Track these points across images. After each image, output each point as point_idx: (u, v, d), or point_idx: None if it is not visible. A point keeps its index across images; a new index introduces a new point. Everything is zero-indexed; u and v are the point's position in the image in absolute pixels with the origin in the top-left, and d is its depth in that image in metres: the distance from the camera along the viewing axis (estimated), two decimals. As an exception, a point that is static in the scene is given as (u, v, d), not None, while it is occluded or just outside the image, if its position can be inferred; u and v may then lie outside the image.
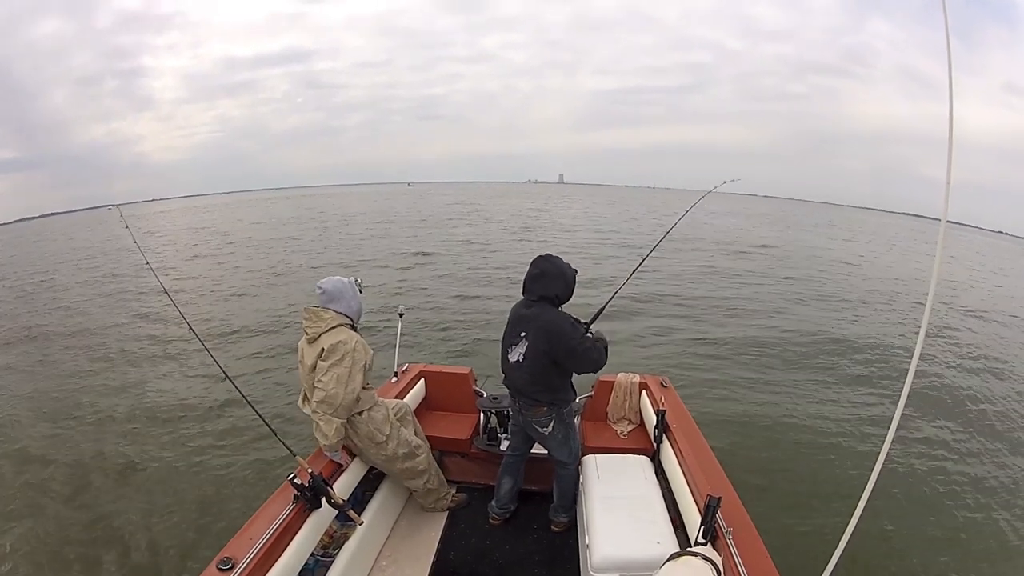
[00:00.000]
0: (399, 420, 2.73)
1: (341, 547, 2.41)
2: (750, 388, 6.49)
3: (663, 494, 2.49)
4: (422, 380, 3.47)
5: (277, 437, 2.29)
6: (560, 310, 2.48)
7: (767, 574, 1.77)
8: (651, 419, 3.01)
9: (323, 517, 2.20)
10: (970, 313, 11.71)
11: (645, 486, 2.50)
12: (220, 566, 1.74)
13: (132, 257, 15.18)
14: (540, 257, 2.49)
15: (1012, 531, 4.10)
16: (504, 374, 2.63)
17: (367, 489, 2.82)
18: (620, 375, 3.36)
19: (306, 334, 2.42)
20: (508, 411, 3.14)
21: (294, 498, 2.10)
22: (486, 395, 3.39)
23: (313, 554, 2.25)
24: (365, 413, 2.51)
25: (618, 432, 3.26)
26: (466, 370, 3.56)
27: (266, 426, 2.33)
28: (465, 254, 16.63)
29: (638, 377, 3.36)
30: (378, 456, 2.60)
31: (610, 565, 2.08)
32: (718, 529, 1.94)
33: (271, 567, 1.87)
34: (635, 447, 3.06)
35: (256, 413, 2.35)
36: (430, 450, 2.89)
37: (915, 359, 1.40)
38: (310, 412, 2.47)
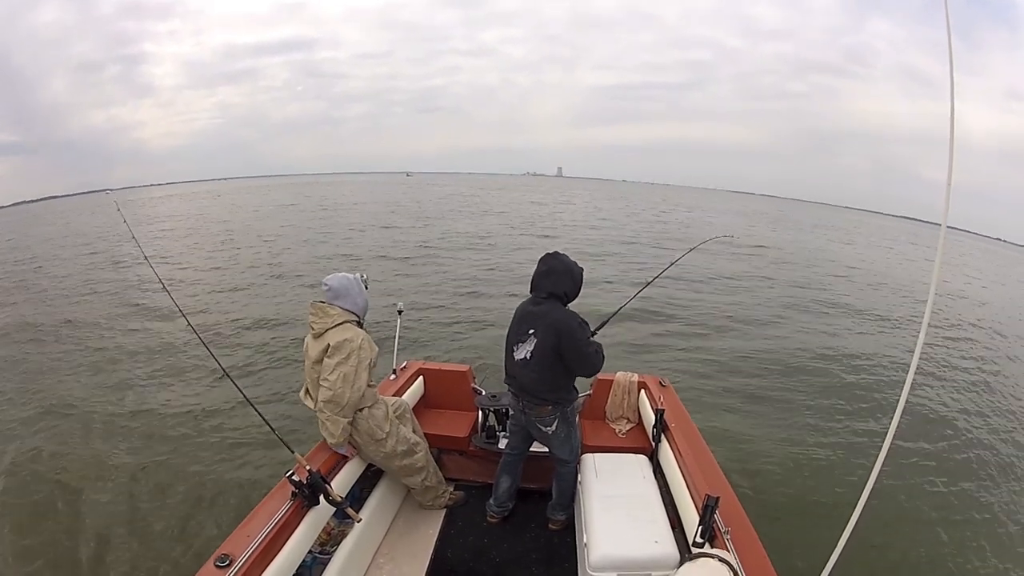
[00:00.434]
0: (398, 418, 2.73)
1: (339, 544, 2.41)
2: (745, 395, 6.47)
3: (661, 493, 2.49)
4: (421, 378, 3.46)
5: (276, 434, 2.29)
6: (568, 308, 2.48)
7: (766, 574, 1.77)
8: (649, 418, 3.01)
9: (321, 514, 2.20)
10: (971, 325, 11.69)
11: (643, 485, 2.51)
12: (218, 563, 1.74)
13: (128, 247, 14.99)
14: (548, 255, 2.50)
15: (1008, 536, 4.12)
16: (507, 372, 2.62)
17: (365, 487, 2.82)
18: (619, 374, 3.36)
19: (312, 329, 2.41)
20: (507, 409, 3.14)
21: (292, 495, 2.09)
22: (485, 393, 3.39)
23: (311, 551, 2.25)
24: (366, 410, 2.51)
25: (616, 431, 3.27)
26: (465, 368, 3.56)
27: (264, 423, 2.32)
28: (465, 249, 16.50)
29: (637, 376, 3.36)
30: (377, 453, 2.60)
31: (608, 564, 2.08)
32: (716, 529, 1.94)
33: (269, 564, 1.86)
34: (633, 446, 3.06)
35: (255, 410, 2.34)
36: (428, 448, 2.89)
37: (914, 363, 1.40)
38: (313, 408, 2.47)
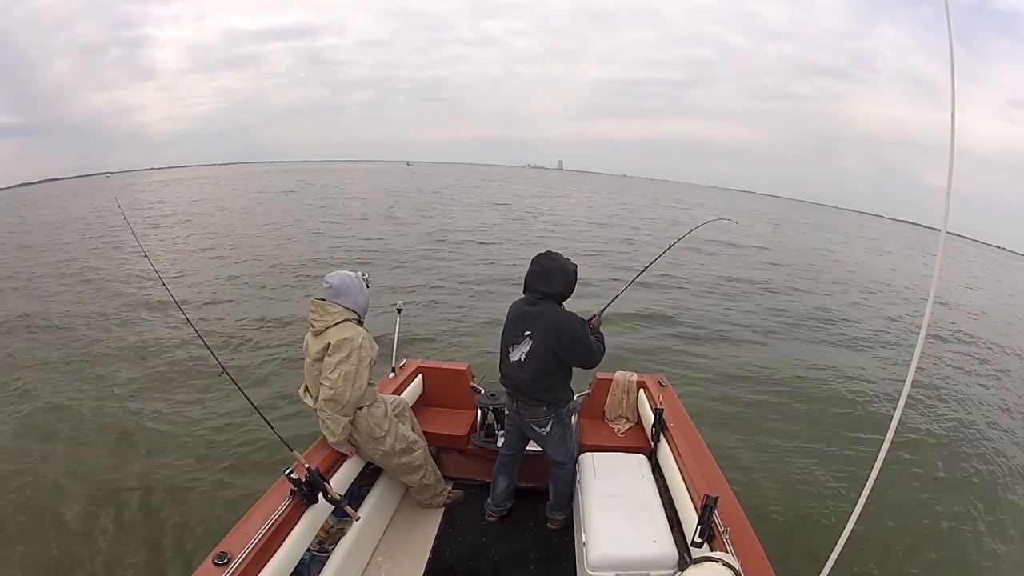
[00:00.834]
0: (397, 416, 2.72)
1: (337, 543, 2.41)
2: (744, 393, 6.49)
3: (660, 493, 2.49)
4: (420, 376, 3.46)
5: (274, 432, 2.29)
6: (564, 308, 2.48)
7: (764, 574, 1.77)
8: (648, 418, 3.01)
9: (319, 512, 2.20)
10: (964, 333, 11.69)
11: (642, 485, 2.51)
12: (216, 561, 1.74)
13: (126, 235, 14.76)
14: (541, 255, 2.49)
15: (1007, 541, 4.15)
16: (503, 372, 2.61)
17: (364, 485, 2.82)
18: (618, 373, 3.37)
19: (312, 327, 2.41)
20: (505, 408, 3.15)
21: (290, 493, 2.09)
22: (484, 391, 3.39)
23: (309, 549, 2.25)
24: (365, 409, 2.51)
25: (615, 430, 3.27)
26: (464, 366, 3.55)
27: (263, 420, 2.32)
28: (465, 244, 16.37)
29: (636, 375, 3.36)
30: (375, 451, 2.60)
31: (606, 563, 2.08)
32: (715, 529, 1.94)
33: (267, 562, 1.86)
34: (632, 445, 3.06)
35: (253, 407, 2.33)
36: (427, 446, 2.89)
37: (912, 366, 1.40)
38: (312, 406, 2.47)
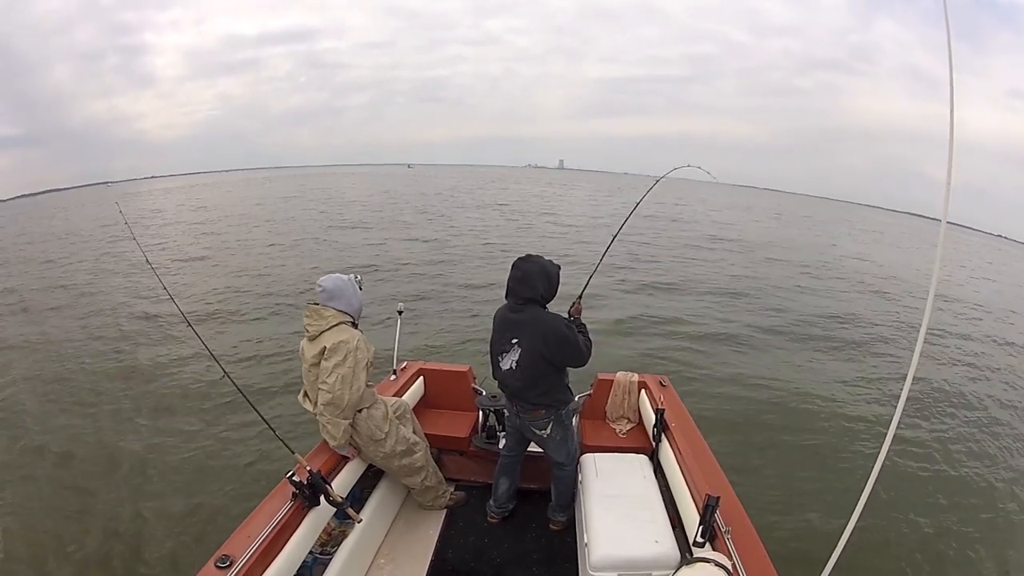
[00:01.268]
0: (398, 418, 2.73)
1: (339, 545, 2.41)
2: (746, 387, 6.49)
3: (662, 493, 2.49)
4: (421, 378, 3.46)
5: (276, 435, 2.29)
6: (549, 310, 2.46)
7: (766, 574, 1.77)
8: (650, 418, 3.01)
9: (321, 515, 2.20)
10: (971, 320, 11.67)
11: (644, 485, 2.51)
12: (218, 564, 1.74)
13: (127, 242, 14.84)
14: (520, 259, 2.45)
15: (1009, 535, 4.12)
16: (498, 380, 2.61)
17: (365, 487, 2.81)
18: (619, 374, 3.36)
19: (306, 332, 2.42)
20: (506, 410, 3.15)
21: (292, 496, 2.09)
22: (485, 393, 3.38)
23: (311, 552, 2.25)
24: (365, 411, 2.51)
25: (617, 431, 3.26)
26: (465, 368, 3.55)
27: (264, 423, 2.33)
28: (467, 245, 16.37)
29: (637, 376, 3.36)
30: (376, 453, 2.61)
31: (608, 564, 2.08)
32: (716, 529, 1.94)
33: (269, 565, 1.87)
34: (634, 446, 3.06)
35: (254, 410, 2.34)
36: (428, 448, 2.89)
37: (915, 359, 1.40)
38: (312, 411, 2.47)
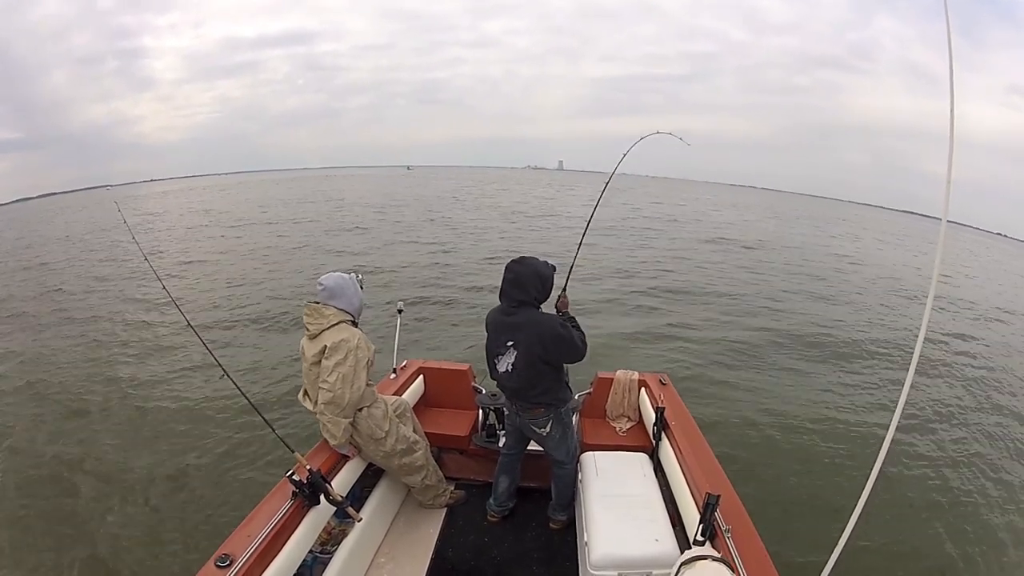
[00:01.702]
0: (398, 417, 2.73)
1: (339, 544, 2.41)
2: (746, 391, 6.47)
3: (662, 492, 2.49)
4: (421, 376, 3.46)
5: (276, 434, 2.29)
6: (542, 310, 2.46)
7: (766, 573, 1.77)
8: (650, 416, 3.01)
9: (321, 514, 2.20)
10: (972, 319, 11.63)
11: (644, 484, 2.51)
12: (218, 563, 1.74)
13: (127, 243, 14.88)
14: (514, 261, 2.45)
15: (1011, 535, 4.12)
16: (496, 381, 2.61)
17: (365, 486, 2.82)
18: (619, 372, 3.36)
19: (307, 330, 2.42)
20: (506, 409, 3.15)
21: (292, 495, 2.09)
22: (485, 392, 3.38)
23: (311, 551, 2.25)
24: (365, 410, 2.51)
25: (617, 429, 3.26)
26: (465, 366, 3.55)
27: (264, 422, 2.33)
28: (468, 247, 16.39)
29: (637, 374, 3.35)
30: (376, 452, 2.61)
31: (608, 563, 2.08)
32: (717, 527, 1.93)
33: (269, 564, 1.87)
34: (634, 444, 3.06)
35: (255, 409, 2.34)
36: (428, 446, 2.89)
37: (915, 359, 1.39)
38: (312, 409, 2.47)
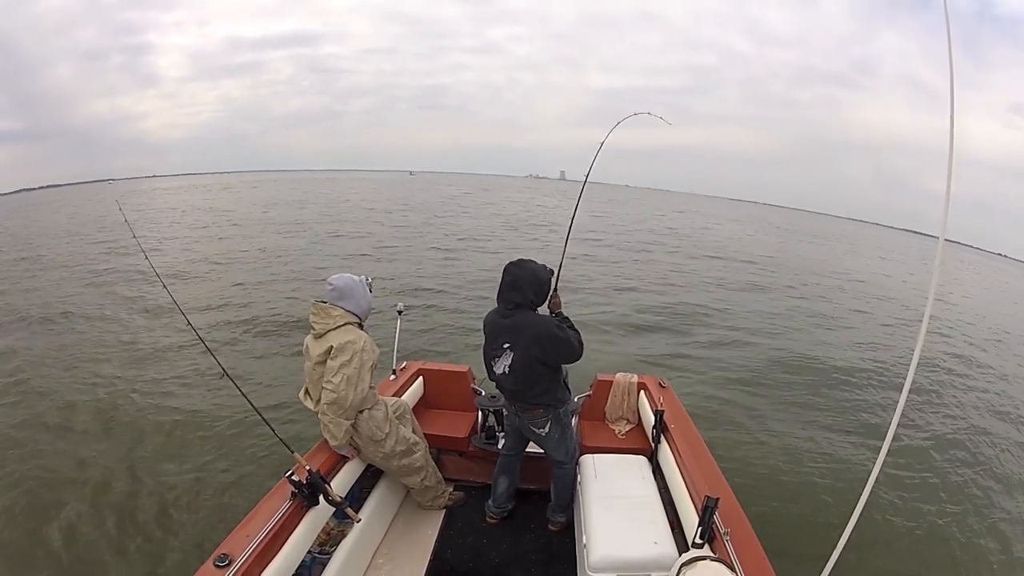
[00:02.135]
0: (398, 418, 2.73)
1: (338, 545, 2.41)
2: (743, 398, 6.47)
3: (661, 494, 2.49)
4: (420, 378, 3.46)
5: (275, 434, 2.28)
6: (538, 312, 2.47)
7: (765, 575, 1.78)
8: (649, 419, 3.01)
9: (320, 514, 2.20)
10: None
11: (643, 486, 2.51)
12: (217, 563, 1.74)
13: (127, 236, 14.77)
14: (512, 263, 2.45)
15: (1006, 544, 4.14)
16: (495, 383, 2.63)
17: (364, 487, 2.82)
18: (618, 375, 3.37)
19: (313, 329, 2.42)
20: (505, 410, 3.15)
21: (291, 495, 2.09)
22: (484, 393, 3.39)
23: (310, 551, 2.25)
24: (366, 412, 2.51)
25: (616, 432, 3.27)
26: (465, 368, 3.55)
27: (264, 423, 2.32)
28: (469, 251, 16.39)
29: (636, 377, 3.36)
30: (376, 453, 2.61)
31: (607, 565, 2.09)
32: (715, 530, 1.94)
33: (268, 564, 1.86)
34: (633, 447, 3.06)
35: (254, 409, 2.34)
36: (427, 448, 2.89)
37: (912, 366, 1.40)
38: (313, 408, 2.47)
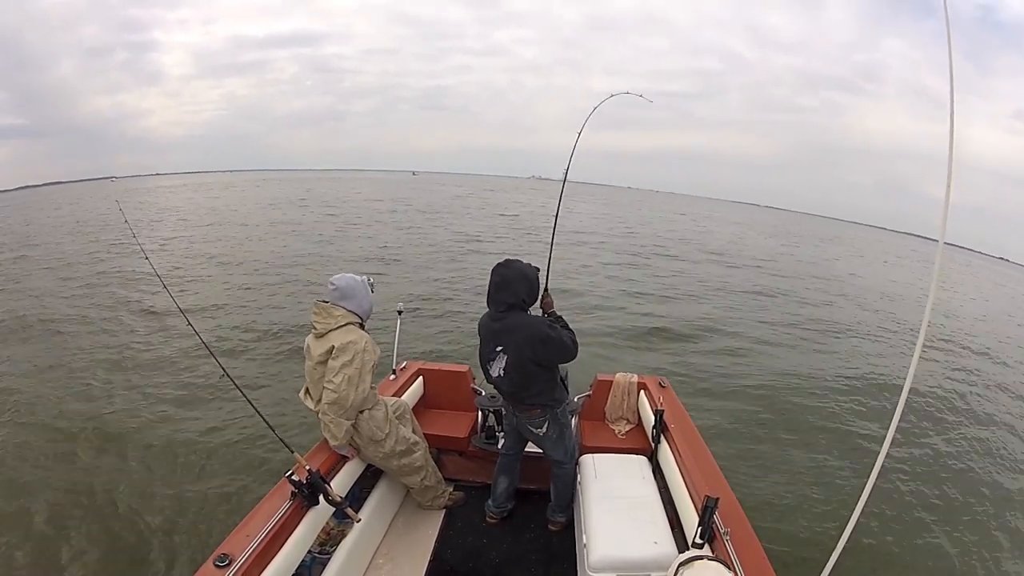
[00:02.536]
0: (398, 418, 2.73)
1: (338, 544, 2.41)
2: (746, 391, 6.49)
3: (661, 494, 2.49)
4: (420, 378, 3.46)
5: (275, 434, 2.28)
6: (530, 313, 2.47)
7: (765, 575, 1.77)
8: (649, 419, 3.01)
9: (320, 514, 2.20)
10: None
11: (643, 486, 2.51)
12: (217, 563, 1.74)
13: (128, 236, 14.71)
14: (499, 264, 2.45)
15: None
16: (491, 384, 2.63)
17: (364, 487, 2.82)
18: (618, 375, 3.37)
19: (314, 329, 2.42)
20: (504, 409, 3.16)
21: (291, 495, 2.09)
22: (484, 393, 3.39)
23: (310, 551, 2.25)
24: (367, 412, 2.52)
25: (616, 432, 3.27)
26: (464, 368, 3.55)
27: (264, 422, 2.32)
28: (470, 253, 16.36)
29: (636, 377, 3.36)
30: (376, 453, 2.61)
31: (607, 565, 2.09)
32: (715, 530, 1.94)
33: (268, 564, 1.86)
34: (633, 447, 3.06)
35: (255, 409, 2.33)
36: (427, 448, 2.89)
37: (912, 369, 1.40)
38: (313, 408, 2.48)
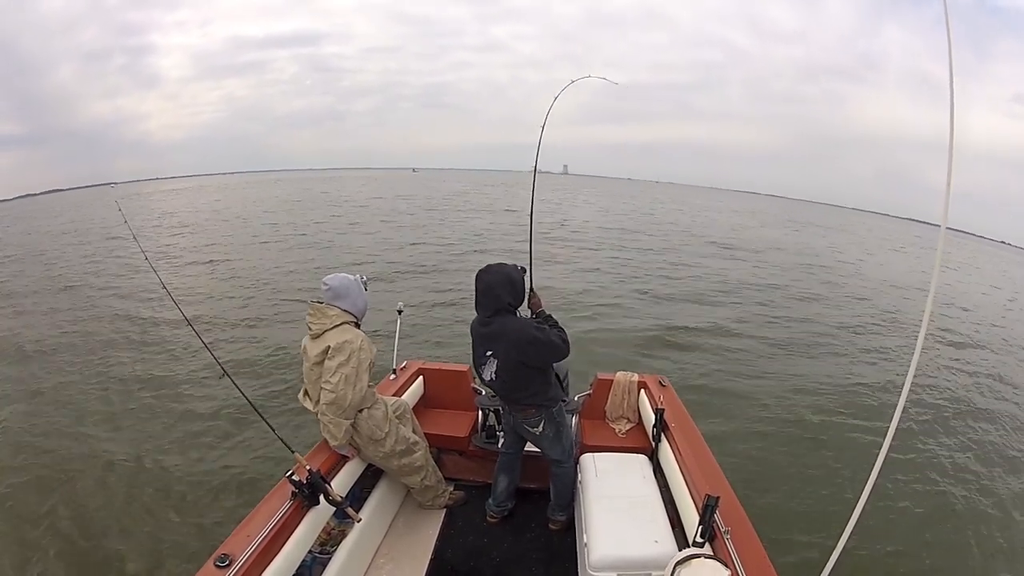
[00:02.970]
0: (398, 418, 2.73)
1: (339, 544, 2.41)
2: (745, 392, 6.48)
3: (661, 493, 2.49)
4: (420, 377, 3.46)
5: (276, 434, 2.29)
6: (518, 316, 2.46)
7: (765, 574, 1.77)
8: (649, 418, 3.01)
9: (321, 514, 2.20)
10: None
11: (643, 485, 2.51)
12: (217, 563, 1.74)
13: (129, 243, 14.84)
14: (482, 270, 2.44)
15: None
16: (486, 386, 2.66)
17: (365, 487, 2.82)
18: (619, 374, 3.37)
19: (310, 330, 2.42)
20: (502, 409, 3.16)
21: (292, 495, 2.09)
22: (484, 393, 3.38)
23: (311, 551, 2.25)
24: (366, 411, 2.51)
25: (616, 431, 3.27)
26: (465, 367, 3.54)
27: (264, 423, 2.33)
28: (470, 252, 16.40)
29: (636, 376, 3.36)
30: (376, 453, 2.61)
31: (608, 564, 2.09)
32: (716, 529, 1.94)
33: (268, 564, 1.87)
34: (633, 446, 3.06)
35: (254, 409, 2.34)
36: (427, 447, 2.89)
37: (913, 363, 1.40)
38: (312, 409, 2.47)
